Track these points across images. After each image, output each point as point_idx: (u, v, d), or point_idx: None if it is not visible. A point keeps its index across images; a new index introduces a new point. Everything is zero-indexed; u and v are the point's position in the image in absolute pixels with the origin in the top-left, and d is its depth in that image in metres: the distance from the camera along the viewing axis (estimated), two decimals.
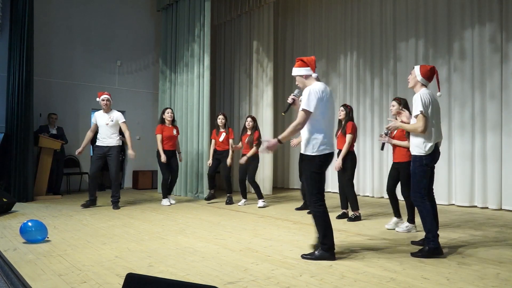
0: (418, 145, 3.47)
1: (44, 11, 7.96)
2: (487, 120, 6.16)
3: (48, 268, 3.00)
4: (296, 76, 3.48)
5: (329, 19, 8.71)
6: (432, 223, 3.39)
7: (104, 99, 6.09)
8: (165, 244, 3.76)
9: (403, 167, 4.28)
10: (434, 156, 3.49)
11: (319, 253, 3.27)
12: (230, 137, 6.66)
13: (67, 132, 7.82)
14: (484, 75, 6.23)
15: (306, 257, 3.28)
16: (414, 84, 3.59)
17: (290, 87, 9.47)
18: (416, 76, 3.55)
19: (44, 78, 7.97)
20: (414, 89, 3.60)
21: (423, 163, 3.44)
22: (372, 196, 7.66)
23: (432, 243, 3.33)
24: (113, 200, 6.12)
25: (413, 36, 7.15)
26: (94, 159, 6.09)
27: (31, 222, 3.82)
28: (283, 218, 5.29)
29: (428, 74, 3.53)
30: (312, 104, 3.22)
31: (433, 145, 3.45)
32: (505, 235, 4.23)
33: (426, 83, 3.55)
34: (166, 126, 6.52)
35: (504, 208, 5.90)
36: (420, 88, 3.53)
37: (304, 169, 3.42)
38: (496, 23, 6.10)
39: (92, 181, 6.16)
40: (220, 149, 6.65)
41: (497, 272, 2.93)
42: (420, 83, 3.53)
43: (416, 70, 3.57)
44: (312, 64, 3.42)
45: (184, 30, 8.16)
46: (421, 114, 3.37)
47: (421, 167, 3.45)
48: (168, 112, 6.58)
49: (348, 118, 5.18)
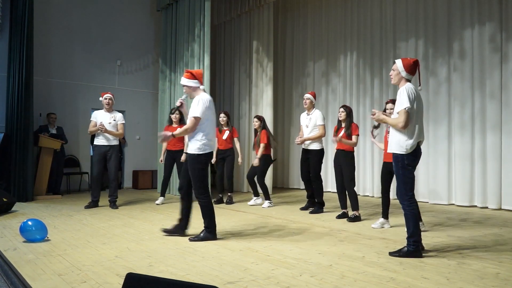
0: (398, 142, 3.32)
1: (44, 11, 7.96)
2: (487, 120, 6.16)
3: (48, 267, 3.00)
4: (184, 86, 3.99)
5: (329, 19, 8.71)
6: (416, 226, 3.31)
7: (107, 98, 6.08)
8: (165, 244, 3.76)
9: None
10: (416, 155, 3.34)
11: (204, 235, 3.95)
12: (234, 135, 6.64)
13: (67, 132, 7.81)
14: (484, 75, 6.23)
15: (194, 239, 3.91)
16: (398, 81, 3.41)
17: (290, 86, 9.48)
18: (400, 72, 3.37)
19: (44, 78, 7.97)
20: (398, 85, 3.44)
21: (405, 163, 3.30)
22: (372, 196, 7.66)
23: (413, 247, 3.29)
24: (112, 200, 6.12)
25: (413, 36, 7.15)
26: (96, 160, 6.04)
27: (31, 221, 3.83)
28: (283, 218, 5.29)
29: (411, 68, 3.37)
30: (200, 111, 3.80)
31: (415, 144, 3.29)
32: (505, 235, 4.23)
33: (410, 78, 3.38)
34: (171, 127, 6.50)
35: (503, 208, 5.91)
36: (405, 82, 3.37)
37: (190, 167, 3.91)
38: (496, 23, 6.10)
39: (96, 183, 6.09)
40: (223, 147, 6.61)
41: (497, 272, 2.93)
42: (405, 78, 3.38)
43: (399, 65, 3.38)
44: (200, 78, 3.98)
45: (184, 30, 8.15)
46: (404, 109, 3.22)
47: (404, 168, 3.31)
48: (173, 113, 6.57)
49: (350, 120, 5.19)
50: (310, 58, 9.07)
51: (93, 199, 6.07)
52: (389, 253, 3.39)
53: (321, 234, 4.25)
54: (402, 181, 3.35)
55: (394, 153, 3.37)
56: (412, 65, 3.38)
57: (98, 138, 6.05)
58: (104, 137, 6.02)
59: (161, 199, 6.63)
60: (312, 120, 5.72)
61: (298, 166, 6.64)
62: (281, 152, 9.48)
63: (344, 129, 5.18)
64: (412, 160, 3.33)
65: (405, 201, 3.35)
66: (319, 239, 4.02)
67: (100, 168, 6.06)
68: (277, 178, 9.52)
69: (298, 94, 9.17)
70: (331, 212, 5.79)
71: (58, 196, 7.21)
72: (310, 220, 5.14)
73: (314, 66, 9.00)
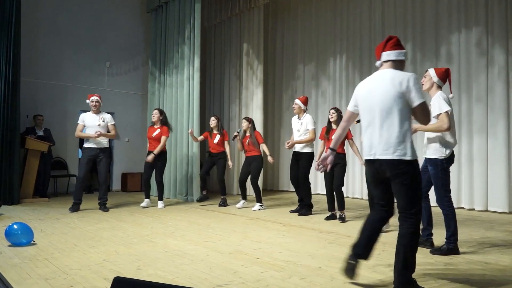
0: (437, 147, 3.44)
1: (32, 11, 7.87)
2: (474, 123, 6.26)
3: (34, 272, 2.95)
4: None
5: (319, 22, 8.77)
6: (456, 226, 3.51)
7: (93, 100, 6.01)
8: (154, 247, 3.73)
9: None
10: (452, 158, 3.49)
11: None
12: (225, 139, 6.65)
13: (55, 134, 7.72)
14: (471, 78, 6.34)
15: None
16: (430, 86, 3.49)
17: (280, 89, 9.51)
18: (432, 78, 3.49)
19: (31, 79, 7.86)
20: (429, 91, 3.51)
21: (444, 167, 3.44)
22: (361, 198, 7.71)
23: (452, 244, 3.50)
24: (102, 202, 6.05)
25: (401, 40, 7.21)
26: (84, 162, 5.95)
27: (16, 225, 3.76)
28: (273, 220, 5.29)
29: (443, 76, 3.49)
30: None
31: (452, 150, 3.45)
32: (491, 237, 4.29)
33: (441, 84, 3.50)
34: (152, 127, 6.52)
35: (490, 210, 6.00)
36: (436, 90, 3.47)
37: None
38: (482, 28, 6.21)
39: (80, 185, 6.01)
40: (215, 151, 6.62)
41: (484, 273, 2.97)
42: (437, 84, 3.48)
43: (432, 72, 3.52)
44: None
45: (174, 31, 8.13)
46: (445, 112, 3.28)
47: (444, 171, 3.45)
48: (152, 112, 6.58)
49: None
50: (300, 61, 9.11)
51: (76, 201, 5.93)
52: (430, 251, 3.56)
53: (310, 237, 4.27)
54: (442, 184, 3.49)
55: (433, 158, 3.48)
56: (444, 72, 3.52)
57: (89, 141, 5.97)
58: (94, 140, 5.95)
59: (147, 201, 6.55)
60: (304, 125, 5.81)
61: (288, 169, 6.65)
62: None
63: (332, 130, 5.22)
64: (450, 163, 3.49)
65: (445, 202, 3.52)
66: (309, 241, 4.03)
67: (87, 171, 5.99)
68: (267, 181, 9.53)
69: (288, 97, 9.20)
70: (320, 214, 5.81)
71: (45, 199, 7.11)
72: (300, 223, 5.15)
73: (304, 69, 9.05)
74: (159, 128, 6.47)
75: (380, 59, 2.70)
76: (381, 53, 2.69)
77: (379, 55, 2.71)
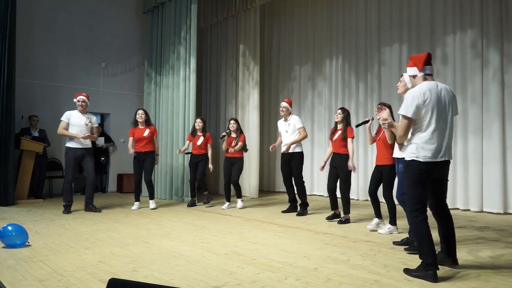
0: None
1: (27, 11, 7.83)
2: (469, 124, 6.29)
3: (28, 273, 2.93)
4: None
5: (315, 23, 8.78)
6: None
7: (80, 100, 5.95)
8: (149, 248, 3.72)
9: (386, 170, 4.34)
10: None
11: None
12: (209, 142, 6.70)
13: (50, 134, 7.66)
14: (466, 80, 6.37)
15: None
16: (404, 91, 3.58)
17: (276, 90, 9.51)
18: (407, 83, 3.36)
19: (26, 79, 7.81)
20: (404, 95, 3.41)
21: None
22: (357, 199, 7.72)
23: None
24: (89, 202, 6.04)
25: (397, 41, 7.26)
26: (70, 164, 5.83)
27: (11, 226, 3.74)
28: (269, 221, 5.29)
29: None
30: None
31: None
32: (486, 237, 4.31)
33: None
34: (138, 128, 6.46)
35: (485, 210, 6.03)
36: None
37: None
38: (477, 30, 6.25)
39: (70, 186, 5.93)
40: (197, 152, 6.68)
41: (478, 273, 2.98)
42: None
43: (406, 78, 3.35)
44: None
45: (170, 32, 8.12)
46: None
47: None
48: (138, 113, 6.50)
49: (347, 122, 5.22)
50: (296, 62, 9.13)
51: (67, 203, 5.88)
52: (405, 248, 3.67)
53: (306, 237, 4.27)
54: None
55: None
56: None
57: (73, 141, 5.87)
58: (79, 141, 5.86)
59: (137, 204, 6.50)
60: (291, 125, 5.90)
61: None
62: (267, 156, 9.49)
63: (341, 131, 5.18)
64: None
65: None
66: (305, 242, 4.04)
67: (75, 172, 5.98)
68: (263, 182, 9.53)
69: (285, 98, 9.18)
70: (316, 214, 5.82)
71: (40, 200, 7.07)
72: (296, 223, 5.15)
73: (300, 70, 9.06)
74: (147, 128, 6.45)
75: (422, 70, 2.96)
76: (423, 66, 2.95)
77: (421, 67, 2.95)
